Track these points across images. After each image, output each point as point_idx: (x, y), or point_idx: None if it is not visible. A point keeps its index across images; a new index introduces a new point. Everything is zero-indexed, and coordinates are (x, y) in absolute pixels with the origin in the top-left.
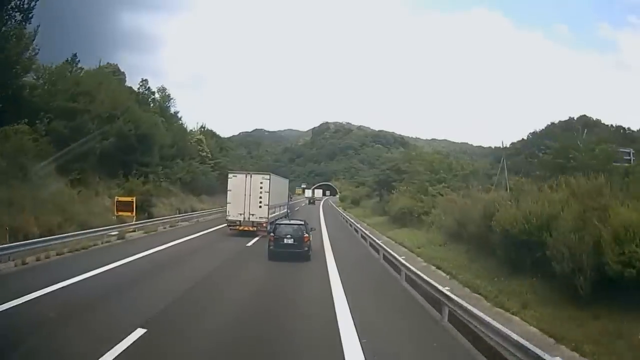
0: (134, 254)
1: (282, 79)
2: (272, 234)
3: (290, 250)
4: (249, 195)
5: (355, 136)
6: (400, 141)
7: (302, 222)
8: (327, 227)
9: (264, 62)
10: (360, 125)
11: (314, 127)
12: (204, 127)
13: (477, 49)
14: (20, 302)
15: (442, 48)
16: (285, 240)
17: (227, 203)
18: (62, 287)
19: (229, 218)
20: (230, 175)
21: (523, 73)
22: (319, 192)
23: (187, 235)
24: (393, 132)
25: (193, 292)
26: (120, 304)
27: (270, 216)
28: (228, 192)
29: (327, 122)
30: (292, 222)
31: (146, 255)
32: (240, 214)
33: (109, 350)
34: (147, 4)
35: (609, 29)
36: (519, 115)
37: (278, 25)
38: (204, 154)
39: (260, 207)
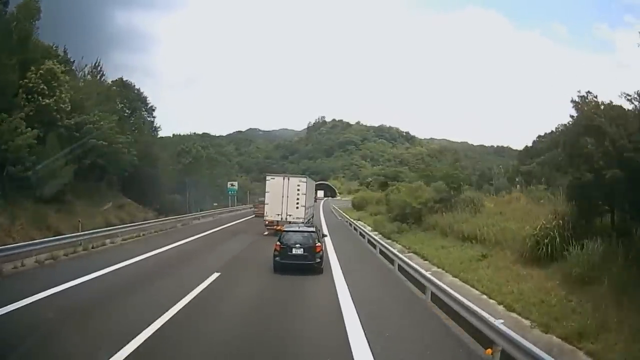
0: None
1: (277, 78)
2: (278, 242)
3: (300, 262)
4: (287, 197)
5: (355, 130)
6: (406, 136)
7: (313, 229)
8: None
9: (257, 61)
10: (359, 121)
11: (309, 123)
12: (99, 65)
13: (476, 48)
14: None
15: (439, 46)
16: (294, 251)
17: (264, 204)
18: None
19: (267, 218)
20: (268, 178)
21: (522, 71)
22: (320, 193)
23: None
24: (397, 127)
25: None
26: None
27: (305, 216)
28: (266, 193)
29: (323, 117)
30: (301, 228)
31: None
32: (278, 215)
33: None
34: (140, 2)
35: (607, 29)
36: (518, 113)
37: (272, 22)
38: (48, 101)
39: (297, 208)
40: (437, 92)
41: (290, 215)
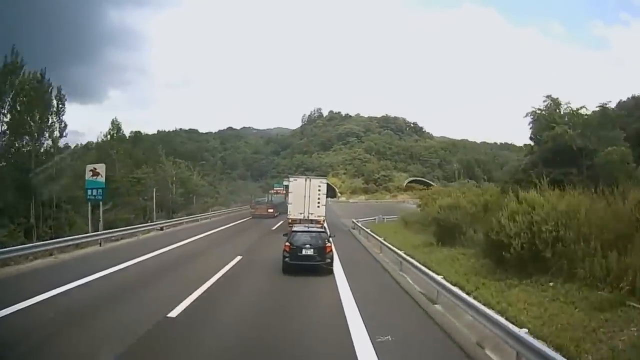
0: None
1: (271, 76)
2: (287, 243)
3: (310, 262)
4: (308, 197)
5: (356, 122)
6: (414, 128)
7: (322, 229)
8: None
9: (251, 58)
10: (358, 113)
11: (304, 115)
12: None
13: (473, 45)
14: None
15: (436, 44)
16: (304, 251)
17: (288, 203)
18: None
19: (290, 216)
20: (291, 179)
21: (521, 69)
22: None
23: None
24: (404, 118)
25: None
26: None
27: (325, 214)
28: (289, 194)
29: (319, 109)
30: (310, 229)
31: None
32: (301, 213)
33: None
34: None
35: (602, 26)
36: (514, 110)
37: (265, 16)
38: None
39: (318, 206)
40: (433, 91)
41: (312, 214)
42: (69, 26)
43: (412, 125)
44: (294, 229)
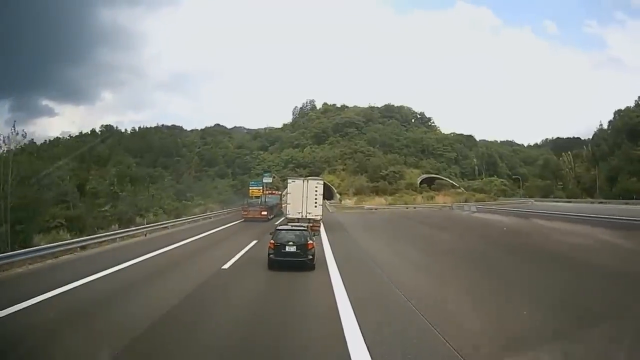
0: None
1: (266, 74)
2: (271, 241)
3: (293, 259)
4: (306, 197)
5: (354, 112)
6: (421, 118)
7: (305, 227)
8: None
9: (242, 56)
10: (356, 105)
11: (295, 107)
12: None
13: (466, 43)
14: None
15: (427, 39)
16: (287, 248)
17: (287, 203)
18: None
19: (289, 216)
20: (289, 181)
21: (516, 67)
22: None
23: None
24: (410, 107)
25: None
26: None
27: (322, 214)
28: (287, 194)
29: (312, 101)
30: (294, 227)
31: None
32: (299, 213)
33: None
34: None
35: (597, 26)
36: (509, 109)
37: (260, 15)
38: None
39: (315, 206)
40: (431, 86)
41: (309, 213)
42: (61, 26)
43: (418, 115)
44: (278, 227)
